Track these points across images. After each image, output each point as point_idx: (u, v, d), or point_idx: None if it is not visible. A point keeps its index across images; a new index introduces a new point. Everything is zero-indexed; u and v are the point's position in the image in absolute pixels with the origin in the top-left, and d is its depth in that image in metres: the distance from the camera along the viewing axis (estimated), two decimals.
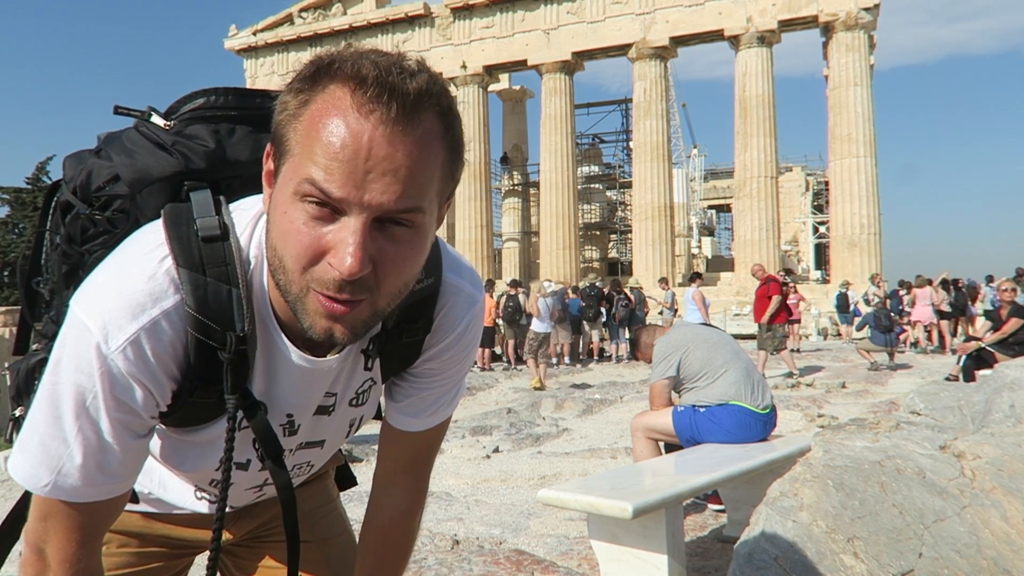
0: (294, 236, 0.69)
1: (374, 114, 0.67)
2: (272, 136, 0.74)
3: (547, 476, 5.00)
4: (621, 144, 34.34)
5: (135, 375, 0.75)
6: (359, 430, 1.04)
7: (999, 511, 1.86)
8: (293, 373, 0.86)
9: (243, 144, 0.91)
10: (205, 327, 0.76)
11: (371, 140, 0.66)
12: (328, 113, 0.68)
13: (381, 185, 0.67)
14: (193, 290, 0.76)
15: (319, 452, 1.01)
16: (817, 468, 2.04)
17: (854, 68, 22.11)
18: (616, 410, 8.35)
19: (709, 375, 3.59)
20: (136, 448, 0.80)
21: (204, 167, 0.87)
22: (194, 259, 0.77)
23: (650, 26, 24.14)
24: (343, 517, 1.22)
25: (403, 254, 0.72)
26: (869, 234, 21.94)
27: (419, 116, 0.69)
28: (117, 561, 1.01)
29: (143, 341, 0.74)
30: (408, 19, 27.48)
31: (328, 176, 0.67)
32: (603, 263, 33.81)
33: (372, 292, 0.72)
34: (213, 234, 0.79)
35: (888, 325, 10.93)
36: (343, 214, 0.68)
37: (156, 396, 0.78)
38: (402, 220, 0.70)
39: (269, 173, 0.76)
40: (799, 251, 35.43)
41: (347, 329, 0.73)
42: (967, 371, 7.78)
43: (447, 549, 3.15)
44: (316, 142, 0.68)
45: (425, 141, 0.69)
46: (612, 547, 2.52)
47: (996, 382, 3.01)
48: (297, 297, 0.72)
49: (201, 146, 0.88)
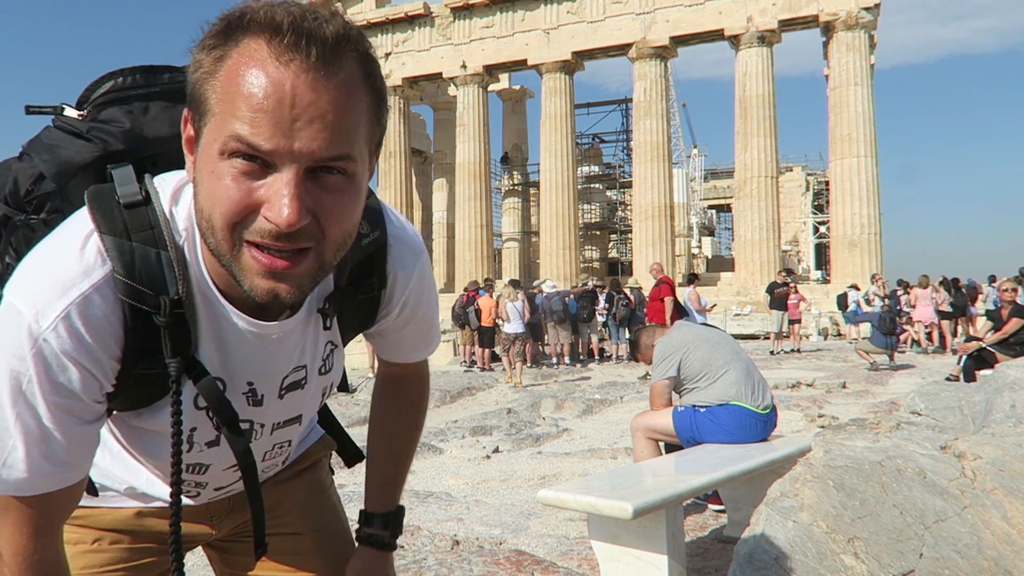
0: (223, 193, 0.68)
1: (294, 62, 0.65)
2: (188, 98, 0.72)
3: (547, 476, 5.00)
4: (621, 144, 34.38)
5: (69, 354, 0.72)
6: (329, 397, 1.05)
7: (1000, 511, 1.85)
8: (245, 341, 0.84)
9: (159, 120, 0.90)
10: (137, 292, 0.75)
11: (294, 88, 0.65)
12: (246, 65, 0.66)
13: (310, 132, 0.66)
14: (119, 255, 0.74)
15: (298, 428, 1.01)
16: (817, 468, 2.04)
17: (854, 68, 22.09)
18: (616, 410, 8.35)
19: (709, 375, 3.59)
20: (83, 435, 0.77)
21: (123, 148, 0.87)
22: (117, 225, 0.76)
23: (650, 26, 24.13)
24: (336, 507, 1.20)
25: (340, 202, 0.71)
26: (869, 234, 21.93)
27: (340, 61, 0.67)
28: (109, 557, 0.99)
29: (74, 317, 0.72)
30: (408, 19, 27.46)
31: (254, 129, 0.65)
32: (603, 263, 33.81)
33: (318, 243, 0.71)
34: (135, 200, 0.78)
35: (891, 328, 10.93)
36: (273, 168, 0.67)
37: (97, 376, 0.75)
38: (335, 167, 0.69)
39: (190, 139, 0.74)
40: (799, 251, 35.43)
41: (292, 286, 0.72)
42: (968, 371, 7.77)
43: (447, 549, 3.14)
44: (237, 96, 0.66)
45: (348, 86, 0.68)
46: (612, 547, 2.52)
47: (997, 382, 3.00)
48: (231, 257, 0.71)
49: (117, 127, 0.87)
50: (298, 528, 1.13)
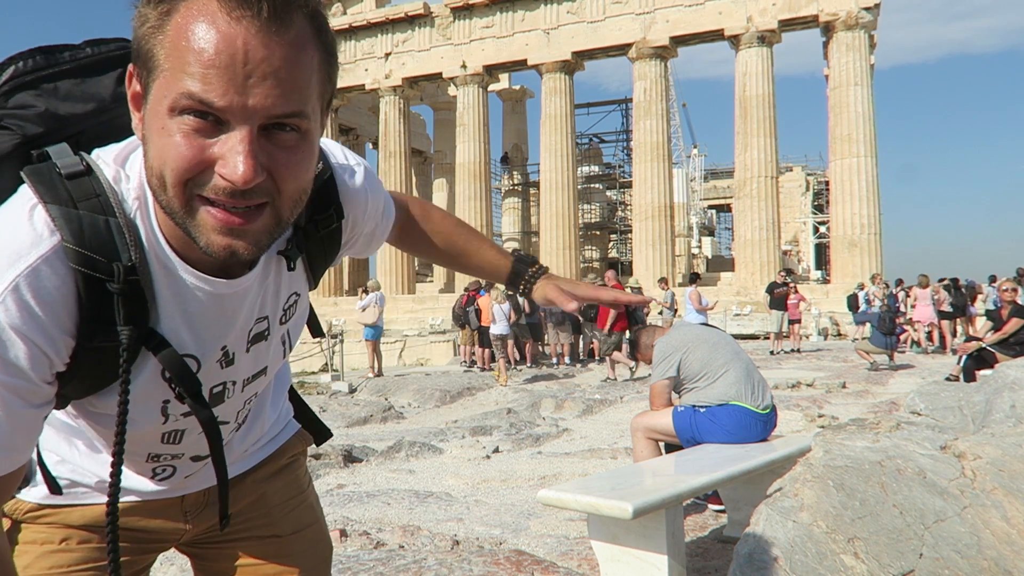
0: (174, 151, 0.67)
1: (245, 18, 0.65)
2: (133, 54, 0.70)
3: (547, 476, 5.00)
4: (621, 144, 34.37)
5: (18, 329, 0.70)
6: (293, 348, 1.04)
7: (1000, 511, 1.85)
8: (209, 304, 0.83)
9: (72, 98, 0.88)
10: (89, 260, 0.73)
11: (246, 43, 0.65)
12: (196, 20, 0.65)
13: (263, 89, 0.66)
14: (67, 223, 0.73)
15: (264, 380, 1.00)
16: (817, 468, 2.04)
17: (854, 68, 22.09)
18: (616, 410, 8.35)
19: (709, 375, 3.59)
20: (27, 419, 0.74)
21: (42, 130, 0.85)
22: (62, 195, 0.74)
23: (650, 26, 24.12)
24: (313, 507, 1.19)
25: (295, 159, 0.71)
26: (869, 234, 21.93)
27: (290, 17, 0.67)
28: (77, 556, 0.96)
29: (23, 290, 0.70)
30: (408, 19, 27.45)
31: (206, 86, 0.65)
32: (603, 263, 33.78)
33: (273, 199, 0.71)
34: (76, 170, 0.77)
35: (891, 328, 10.92)
36: (226, 125, 0.66)
37: (48, 353, 0.73)
38: (288, 124, 0.69)
39: (136, 95, 0.73)
40: (799, 251, 35.43)
41: (249, 243, 0.71)
42: (968, 371, 7.78)
43: (447, 549, 3.14)
44: (188, 52, 0.65)
45: (299, 42, 0.68)
46: (612, 547, 2.52)
47: (997, 382, 3.00)
48: (185, 215, 0.70)
49: (32, 111, 0.85)
50: (277, 530, 1.12)
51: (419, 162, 34.78)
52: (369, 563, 2.84)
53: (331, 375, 12.26)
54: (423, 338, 19.99)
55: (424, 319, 23.78)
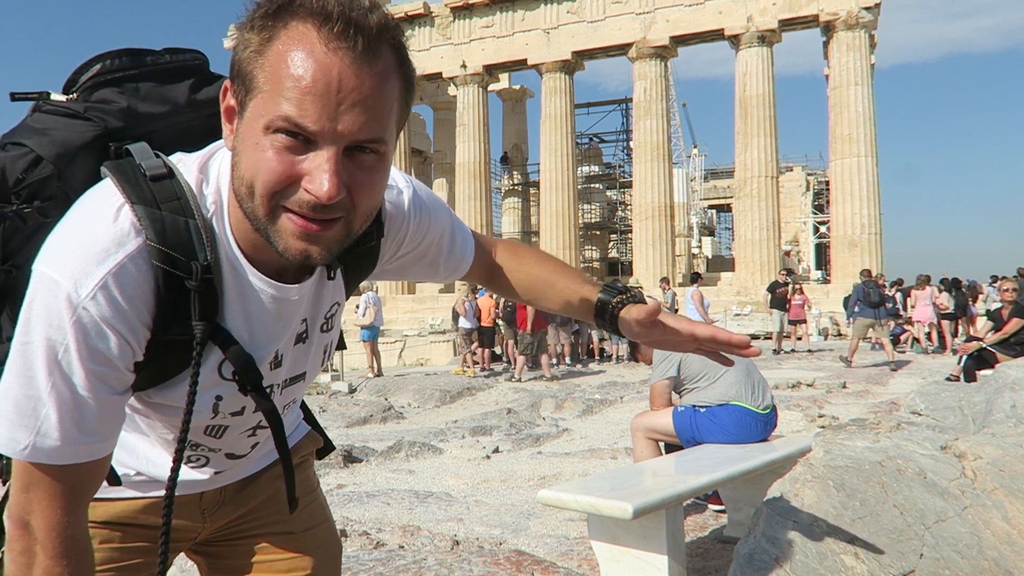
0: (266, 164, 0.73)
1: (341, 49, 0.70)
2: (234, 73, 0.76)
3: (547, 476, 5.00)
4: (621, 144, 34.34)
5: (108, 321, 0.75)
6: (331, 358, 1.08)
7: (1000, 512, 1.85)
8: (268, 306, 0.88)
9: (152, 98, 0.94)
10: (170, 258, 0.78)
11: (340, 74, 0.70)
12: (296, 48, 0.71)
13: (351, 116, 0.71)
14: (152, 223, 0.78)
15: (302, 385, 1.05)
16: (818, 468, 2.03)
17: (855, 67, 22.08)
18: (616, 410, 8.35)
19: (709, 375, 3.59)
20: (113, 404, 0.80)
21: (122, 125, 0.90)
22: (147, 196, 0.79)
23: (650, 25, 24.11)
24: (323, 505, 1.23)
25: (371, 179, 0.77)
26: (870, 234, 21.91)
27: (380, 50, 0.73)
28: (98, 557, 0.97)
29: (112, 286, 0.75)
30: (408, 18, 27.44)
31: (302, 111, 0.70)
32: (603, 263, 33.80)
33: (348, 213, 0.76)
34: (160, 172, 0.82)
35: (878, 300, 10.69)
36: (315, 144, 0.72)
37: (131, 344, 0.78)
38: (370, 147, 0.75)
39: (230, 109, 0.78)
40: (800, 251, 35.41)
41: (323, 248, 0.77)
42: (968, 371, 7.77)
43: (447, 549, 3.14)
44: (287, 77, 0.71)
45: (386, 73, 0.74)
46: (612, 548, 2.52)
47: (997, 382, 3.00)
48: (268, 221, 0.75)
49: (114, 106, 0.91)
50: (291, 527, 1.14)
51: (419, 162, 34.77)
52: (369, 563, 2.84)
53: (331, 375, 12.26)
54: (423, 338, 20.00)
55: (424, 319, 23.78)
